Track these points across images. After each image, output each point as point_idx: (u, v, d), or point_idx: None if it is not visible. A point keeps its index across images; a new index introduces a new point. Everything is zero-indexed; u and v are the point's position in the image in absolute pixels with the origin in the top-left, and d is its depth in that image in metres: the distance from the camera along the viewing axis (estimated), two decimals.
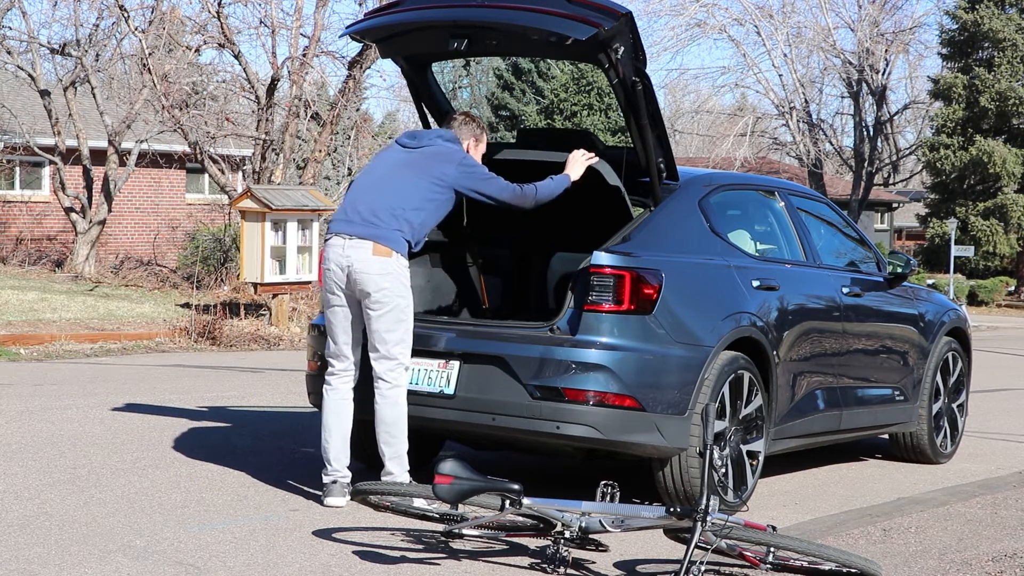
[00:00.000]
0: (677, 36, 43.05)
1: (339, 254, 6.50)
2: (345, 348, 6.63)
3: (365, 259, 6.43)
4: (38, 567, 5.29)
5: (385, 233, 6.45)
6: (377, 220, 6.48)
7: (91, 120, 27.02)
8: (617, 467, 7.69)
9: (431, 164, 6.58)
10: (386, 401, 6.49)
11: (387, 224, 6.47)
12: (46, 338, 15.27)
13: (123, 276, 24.18)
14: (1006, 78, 40.73)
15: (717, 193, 7.50)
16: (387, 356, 6.47)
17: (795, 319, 7.49)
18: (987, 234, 40.63)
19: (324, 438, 6.61)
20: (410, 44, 7.14)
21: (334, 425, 6.60)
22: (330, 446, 6.59)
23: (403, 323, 6.50)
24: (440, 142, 6.69)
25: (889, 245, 52.02)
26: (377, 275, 6.41)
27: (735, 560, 5.60)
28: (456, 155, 6.64)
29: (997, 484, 8.20)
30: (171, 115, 21.21)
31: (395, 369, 6.48)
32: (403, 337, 6.51)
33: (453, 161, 6.59)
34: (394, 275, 6.45)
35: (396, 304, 6.46)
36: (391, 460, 6.52)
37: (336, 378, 6.66)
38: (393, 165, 6.66)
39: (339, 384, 6.66)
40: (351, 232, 6.51)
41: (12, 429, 8.70)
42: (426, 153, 6.64)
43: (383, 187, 6.58)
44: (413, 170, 6.58)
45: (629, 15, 6.37)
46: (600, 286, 6.45)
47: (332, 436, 6.60)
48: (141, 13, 23.31)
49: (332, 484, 6.60)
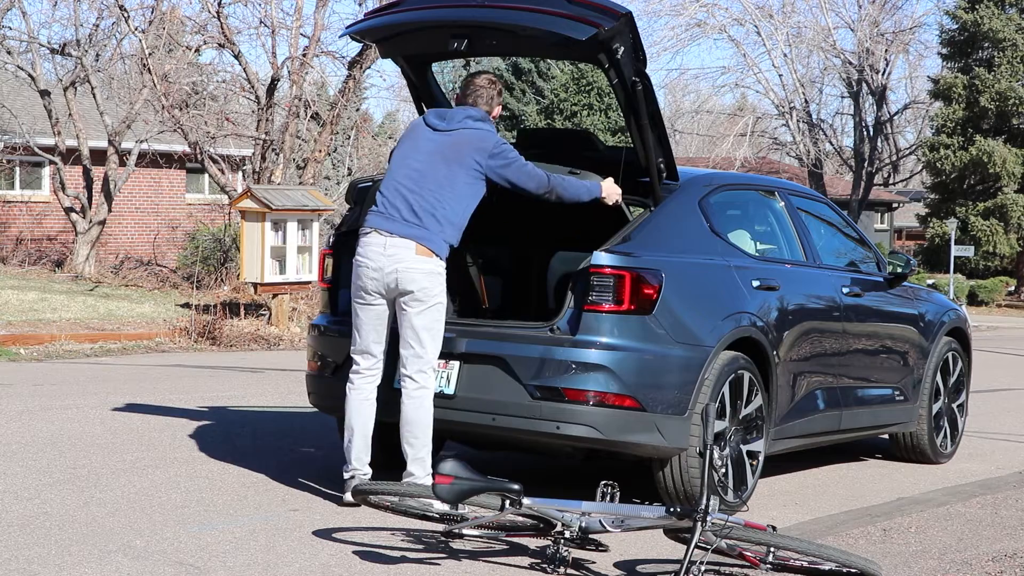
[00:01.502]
0: (677, 36, 43.09)
1: (379, 252, 6.44)
2: (374, 347, 6.58)
3: (408, 258, 6.38)
4: (38, 567, 5.29)
5: (428, 235, 6.40)
6: (419, 221, 6.41)
7: (91, 120, 27.02)
8: (617, 467, 7.68)
9: (466, 152, 6.49)
10: (412, 401, 6.42)
11: (430, 227, 6.40)
12: (46, 338, 15.27)
13: (123, 276, 24.19)
14: (1006, 78, 40.74)
15: (717, 193, 7.50)
16: (419, 356, 6.41)
17: (795, 319, 7.49)
18: (987, 234, 40.63)
19: (347, 437, 6.58)
20: (410, 44, 7.14)
21: (357, 425, 6.56)
22: (352, 446, 6.56)
23: (438, 323, 6.46)
24: (471, 123, 6.58)
25: (889, 245, 52.02)
26: (420, 274, 6.38)
27: (735, 560, 5.60)
28: (489, 140, 6.51)
29: (997, 484, 8.20)
30: (171, 115, 21.22)
31: (425, 369, 6.42)
32: (436, 338, 6.47)
33: (486, 150, 6.49)
34: (435, 275, 6.42)
35: (436, 303, 6.42)
36: (413, 462, 6.45)
37: (360, 377, 6.60)
38: (429, 154, 6.54)
39: (363, 384, 6.60)
40: (391, 230, 6.44)
41: (12, 429, 8.70)
42: (459, 138, 6.53)
43: (423, 182, 6.48)
44: (449, 160, 6.49)
45: (629, 15, 6.37)
46: (600, 286, 6.44)
47: (355, 436, 6.56)
48: (141, 13, 23.32)
49: (350, 480, 6.54)
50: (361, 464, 6.58)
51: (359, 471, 6.57)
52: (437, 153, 6.51)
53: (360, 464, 6.58)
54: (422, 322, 6.41)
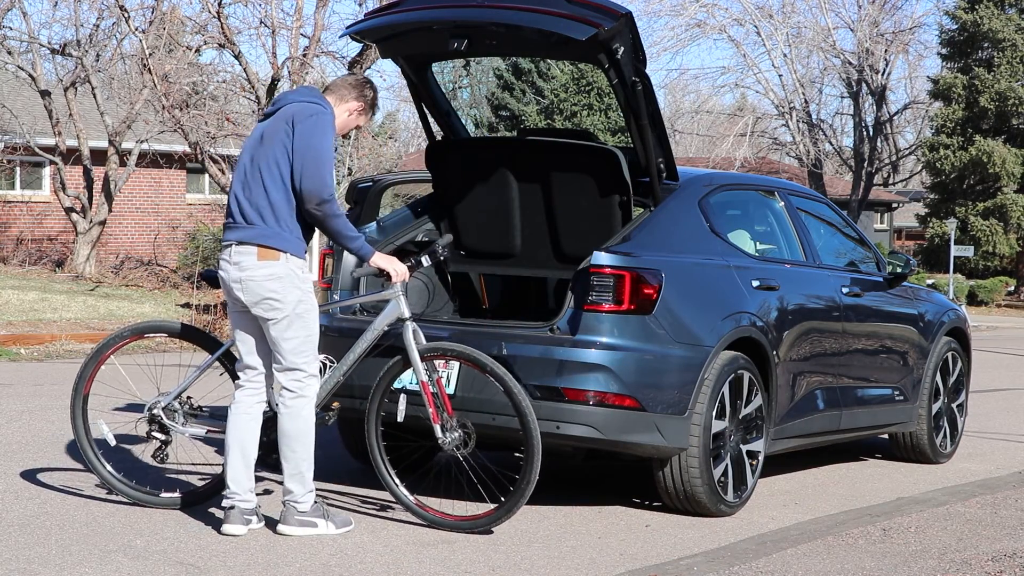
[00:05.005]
0: (677, 36, 43.07)
1: (227, 263, 5.97)
2: (249, 358, 6.08)
3: (251, 264, 5.86)
4: (38, 567, 5.29)
5: (269, 233, 5.86)
6: (259, 220, 5.89)
7: (91, 120, 27.03)
8: (617, 466, 7.70)
9: (283, 126, 5.92)
10: (287, 411, 5.97)
11: (269, 224, 5.87)
12: (46, 338, 15.28)
13: (123, 276, 24.20)
14: (1006, 78, 40.72)
15: (717, 193, 7.50)
16: (289, 367, 5.94)
17: (795, 319, 7.49)
18: (987, 234, 40.62)
19: (225, 458, 6.04)
20: (410, 44, 7.14)
21: (234, 443, 6.00)
22: (229, 467, 5.98)
23: (304, 328, 5.94)
24: (298, 97, 6.03)
25: (889, 245, 52.01)
26: (268, 280, 5.86)
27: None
28: (310, 109, 5.93)
29: (997, 484, 8.20)
30: (171, 115, 21.22)
31: (299, 378, 5.96)
32: (306, 344, 5.95)
33: (301, 114, 5.91)
34: (286, 278, 5.88)
35: (294, 309, 5.90)
36: (290, 478, 5.97)
37: (242, 391, 6.11)
38: (255, 143, 6.00)
39: (243, 398, 6.09)
40: (234, 238, 5.95)
41: (12, 429, 8.70)
42: (280, 115, 5.96)
43: (253, 176, 5.95)
44: (272, 141, 5.92)
45: (629, 15, 6.38)
46: (600, 286, 6.45)
47: (232, 456, 5.98)
48: (141, 13, 23.31)
49: (231, 510, 5.97)
50: (241, 489, 5.98)
51: (239, 497, 5.98)
52: (264, 139, 5.94)
53: (239, 488, 5.97)
54: (281, 332, 5.90)
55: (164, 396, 6.42)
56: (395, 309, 6.30)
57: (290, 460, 5.98)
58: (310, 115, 5.88)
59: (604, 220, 7.05)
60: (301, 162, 5.80)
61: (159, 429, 6.39)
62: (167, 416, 6.38)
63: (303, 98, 5.99)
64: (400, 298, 6.29)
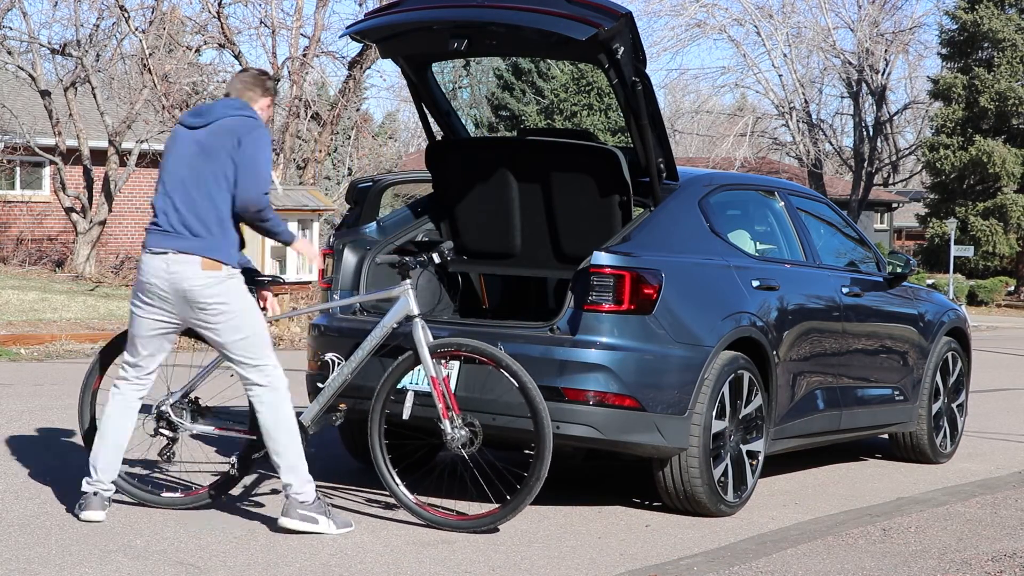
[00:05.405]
0: (677, 36, 43.12)
1: (162, 270, 5.97)
2: (148, 360, 6.18)
3: (194, 274, 5.93)
4: (38, 567, 5.29)
5: (213, 245, 5.97)
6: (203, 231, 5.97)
7: (91, 120, 27.03)
8: (617, 466, 7.70)
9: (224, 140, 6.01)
10: (265, 407, 6.13)
11: (215, 234, 5.98)
12: (46, 338, 15.27)
13: (124, 276, 24.19)
14: (1006, 78, 40.74)
15: (717, 193, 7.50)
16: (251, 363, 6.08)
17: (795, 319, 7.49)
18: (987, 234, 40.64)
19: (96, 446, 6.09)
20: (410, 44, 7.14)
21: (110, 432, 6.09)
22: (100, 454, 6.07)
23: (251, 325, 6.08)
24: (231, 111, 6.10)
25: (889, 245, 52.02)
26: (211, 289, 5.96)
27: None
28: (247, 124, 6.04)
29: (997, 484, 8.20)
30: (171, 115, 21.24)
31: (265, 371, 6.09)
32: (258, 339, 6.08)
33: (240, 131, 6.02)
34: (226, 283, 6.00)
35: (237, 310, 6.04)
36: (284, 471, 6.04)
37: (127, 384, 6.17)
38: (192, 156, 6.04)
39: (128, 389, 6.17)
40: (172, 246, 5.97)
41: (12, 429, 8.70)
42: (216, 129, 6.03)
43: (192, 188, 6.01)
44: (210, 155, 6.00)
45: (629, 15, 6.38)
46: (600, 286, 6.45)
47: (105, 443, 6.08)
48: (141, 13, 23.34)
49: (92, 496, 6.04)
50: (106, 477, 6.07)
51: (102, 485, 6.07)
52: (199, 152, 5.99)
53: (104, 477, 6.07)
54: (232, 333, 6.02)
55: (173, 394, 6.50)
56: (404, 306, 6.33)
57: (280, 454, 6.06)
58: (252, 129, 6.03)
59: (604, 220, 7.06)
60: (246, 176, 5.96)
61: (167, 426, 6.46)
62: (175, 413, 6.45)
63: (236, 112, 6.09)
64: (409, 295, 6.32)
